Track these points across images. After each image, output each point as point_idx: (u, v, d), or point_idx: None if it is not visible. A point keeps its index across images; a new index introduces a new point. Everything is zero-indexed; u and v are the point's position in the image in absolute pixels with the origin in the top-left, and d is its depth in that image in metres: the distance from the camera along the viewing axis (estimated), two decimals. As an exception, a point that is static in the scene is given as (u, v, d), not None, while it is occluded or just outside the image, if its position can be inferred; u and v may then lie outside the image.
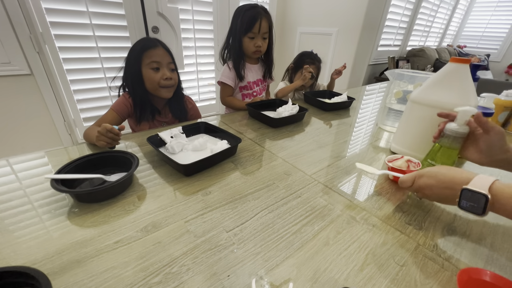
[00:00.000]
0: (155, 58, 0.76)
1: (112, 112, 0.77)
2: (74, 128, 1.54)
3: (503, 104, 0.83)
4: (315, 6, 2.10)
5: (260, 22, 0.91)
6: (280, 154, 0.63)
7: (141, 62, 0.76)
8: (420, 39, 2.99)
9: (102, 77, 1.49)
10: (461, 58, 0.52)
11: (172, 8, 1.62)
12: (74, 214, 0.39)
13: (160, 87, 0.78)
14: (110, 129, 0.54)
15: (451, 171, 0.40)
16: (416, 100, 0.58)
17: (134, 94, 0.79)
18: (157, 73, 0.77)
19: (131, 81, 0.78)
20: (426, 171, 0.42)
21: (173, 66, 0.82)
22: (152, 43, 0.77)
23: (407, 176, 0.44)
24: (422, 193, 0.43)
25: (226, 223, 0.39)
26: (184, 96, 0.91)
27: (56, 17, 1.27)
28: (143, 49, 0.75)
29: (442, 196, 0.40)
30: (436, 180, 0.40)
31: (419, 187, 0.42)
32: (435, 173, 0.41)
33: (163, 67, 0.78)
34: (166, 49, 0.80)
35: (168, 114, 0.88)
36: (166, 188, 0.47)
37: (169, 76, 0.78)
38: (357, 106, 1.10)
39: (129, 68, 0.78)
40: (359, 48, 2.01)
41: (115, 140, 0.56)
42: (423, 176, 0.42)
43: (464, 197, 0.36)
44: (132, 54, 0.77)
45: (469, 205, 0.36)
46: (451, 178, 0.39)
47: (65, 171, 0.44)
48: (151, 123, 0.84)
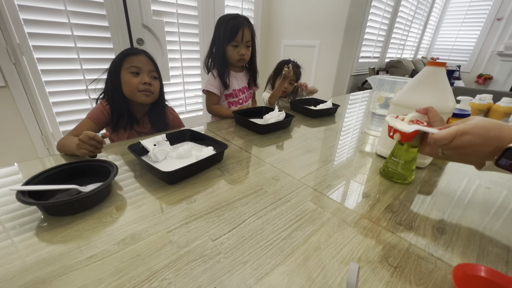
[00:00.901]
0: (135, 64, 0.75)
1: (88, 121, 0.73)
2: (53, 141, 1.46)
3: (477, 107, 0.87)
4: (298, 20, 2.19)
5: (243, 31, 0.93)
6: (268, 159, 0.62)
7: (121, 66, 0.74)
8: (397, 51, 3.17)
9: (84, 88, 1.44)
10: (437, 62, 0.54)
11: (157, 20, 1.62)
12: (43, 229, 0.36)
13: (138, 91, 0.76)
14: (93, 136, 0.51)
15: (498, 126, 0.36)
16: (398, 102, 0.60)
17: (112, 100, 0.76)
18: (136, 77, 0.75)
19: (110, 86, 0.76)
20: (470, 127, 0.37)
21: (156, 74, 0.80)
22: (136, 50, 0.76)
23: (445, 133, 0.39)
24: (457, 152, 0.39)
25: (212, 231, 0.37)
26: (165, 107, 0.88)
27: (35, 28, 1.23)
28: (125, 55, 0.74)
29: (480, 154, 0.37)
30: (483, 138, 0.36)
31: (459, 146, 0.38)
32: (483, 129, 0.37)
33: (143, 72, 0.76)
34: (150, 58, 0.78)
35: (147, 125, 0.85)
36: (147, 198, 0.44)
37: (148, 81, 0.76)
38: (342, 113, 1.12)
39: (109, 74, 0.76)
40: (341, 60, 2.09)
41: (97, 148, 0.53)
42: (467, 134, 0.37)
43: (508, 156, 0.34)
44: (114, 60, 0.75)
45: (509, 163, 0.34)
46: (499, 134, 0.36)
47: (34, 182, 0.40)
48: (129, 132, 0.81)
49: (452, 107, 0.55)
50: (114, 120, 0.77)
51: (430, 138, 0.42)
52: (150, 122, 0.84)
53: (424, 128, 0.44)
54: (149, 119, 0.84)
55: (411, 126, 0.45)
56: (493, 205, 0.48)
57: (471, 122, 0.38)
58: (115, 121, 0.77)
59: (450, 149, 0.40)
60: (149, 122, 0.84)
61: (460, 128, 0.38)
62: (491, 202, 0.49)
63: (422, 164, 0.62)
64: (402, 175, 0.53)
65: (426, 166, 0.62)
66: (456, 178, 0.58)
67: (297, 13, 2.17)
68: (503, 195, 0.52)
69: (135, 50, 0.76)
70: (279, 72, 1.31)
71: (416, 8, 3.07)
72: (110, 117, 0.77)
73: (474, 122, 0.38)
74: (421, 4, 3.16)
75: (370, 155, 0.69)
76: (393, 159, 0.54)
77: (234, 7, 2.03)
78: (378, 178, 0.56)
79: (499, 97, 0.95)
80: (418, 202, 0.48)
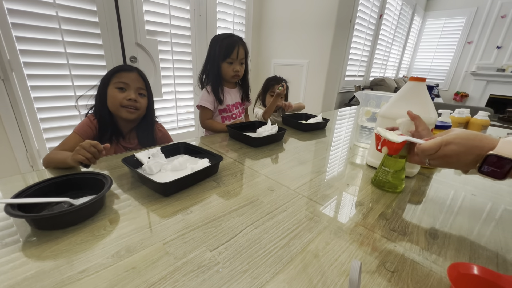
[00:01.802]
0: (124, 80, 0.75)
1: (75, 135, 0.72)
2: (38, 159, 1.41)
3: (457, 120, 0.93)
4: (287, 41, 2.30)
5: (238, 49, 0.98)
6: (263, 171, 0.62)
7: (109, 81, 0.74)
8: (380, 70, 3.36)
9: (75, 105, 1.43)
10: (418, 77, 0.59)
11: (151, 40, 1.67)
12: (31, 243, 0.34)
13: (121, 106, 0.75)
14: (94, 144, 0.50)
15: (477, 136, 0.39)
16: (384, 115, 0.63)
17: (99, 114, 0.76)
18: (121, 92, 0.75)
19: (98, 101, 0.76)
20: (453, 137, 0.40)
21: (144, 92, 0.80)
22: (128, 67, 0.77)
23: (430, 144, 0.42)
24: (443, 161, 0.41)
25: (210, 242, 0.37)
26: (154, 124, 0.87)
27: (27, 45, 1.23)
28: (116, 71, 0.75)
29: (463, 162, 0.39)
30: (466, 147, 0.39)
31: (444, 155, 0.41)
32: (464, 139, 0.39)
33: (130, 89, 0.76)
34: (141, 75, 0.79)
35: (134, 140, 0.83)
36: (142, 210, 0.43)
37: (133, 98, 0.75)
38: (332, 127, 1.16)
39: (98, 88, 0.76)
40: (329, 78, 2.19)
41: (96, 157, 0.52)
42: (451, 143, 0.40)
43: (488, 162, 0.36)
44: (105, 75, 0.76)
45: (491, 170, 0.36)
46: (479, 143, 0.38)
47: (24, 195, 0.39)
48: (116, 147, 0.79)
49: (434, 118, 0.58)
50: (100, 135, 0.76)
51: (417, 148, 0.45)
52: (137, 137, 0.83)
53: (412, 138, 0.48)
54: (136, 134, 0.83)
55: (401, 137, 0.48)
56: (479, 211, 0.50)
57: (453, 133, 0.41)
58: (99, 136, 0.76)
59: (436, 159, 0.43)
60: (136, 137, 0.83)
61: (444, 138, 0.41)
62: (478, 208, 0.51)
63: (411, 174, 0.64)
64: (393, 184, 0.55)
65: (414, 175, 0.65)
66: (443, 186, 0.61)
67: (286, 35, 2.29)
68: (487, 201, 0.55)
69: (127, 67, 0.77)
70: (268, 89, 1.38)
71: (395, 32, 3.32)
72: (97, 132, 0.76)
73: (456, 133, 0.41)
74: (399, 28, 3.42)
75: (361, 166, 0.71)
76: (383, 168, 0.56)
77: (225, 28, 2.13)
78: (370, 187, 0.58)
79: (476, 111, 1.02)
80: (409, 210, 0.49)
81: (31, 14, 1.20)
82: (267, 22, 2.39)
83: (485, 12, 3.57)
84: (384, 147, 0.51)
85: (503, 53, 3.53)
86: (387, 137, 0.49)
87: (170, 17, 1.70)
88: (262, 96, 1.44)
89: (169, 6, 1.67)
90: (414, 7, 3.62)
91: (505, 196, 0.57)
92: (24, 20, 1.20)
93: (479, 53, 3.72)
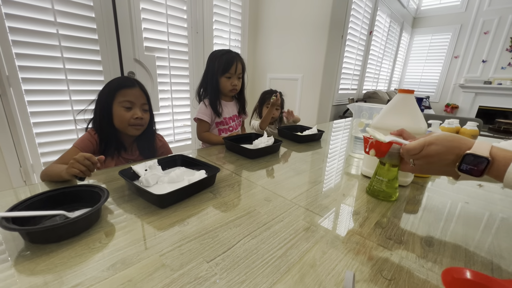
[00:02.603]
0: (129, 98, 0.76)
1: (75, 149, 0.72)
2: (32, 174, 1.38)
3: (447, 130, 0.96)
4: (281, 56, 2.38)
5: (236, 64, 1.02)
6: (259, 182, 0.63)
7: (114, 99, 0.75)
8: (372, 84, 3.47)
9: (71, 119, 1.43)
10: (406, 89, 0.61)
11: (149, 56, 1.71)
12: (24, 258, 0.33)
13: (129, 125, 0.77)
14: (88, 156, 0.50)
15: (456, 138, 0.42)
16: (377, 125, 0.65)
17: (100, 129, 0.76)
18: (128, 111, 0.76)
19: (99, 116, 0.76)
20: (435, 138, 0.43)
21: (147, 107, 0.81)
22: (130, 82, 0.78)
23: (414, 144, 0.44)
24: (426, 161, 0.43)
25: (207, 253, 0.36)
26: (154, 134, 0.89)
27: (26, 62, 1.25)
28: (119, 87, 0.76)
29: (445, 162, 0.42)
30: (446, 147, 0.41)
31: (427, 155, 0.43)
32: (444, 140, 0.42)
33: (136, 107, 0.77)
34: (143, 90, 0.80)
35: (135, 152, 0.85)
36: (138, 222, 0.43)
37: (140, 116, 0.77)
38: (327, 138, 1.18)
39: (99, 103, 0.76)
40: (323, 91, 2.25)
41: (90, 169, 0.52)
42: (433, 144, 0.42)
43: (466, 161, 0.38)
44: (106, 89, 0.76)
45: (469, 168, 0.38)
46: (458, 144, 0.41)
47: (19, 208, 0.39)
48: (116, 160, 0.80)
49: (424, 128, 0.61)
50: (102, 149, 0.76)
51: (402, 148, 0.48)
52: (138, 149, 0.85)
53: (397, 139, 0.50)
54: (137, 146, 0.85)
55: (387, 137, 0.51)
56: (473, 218, 0.51)
57: (435, 135, 0.44)
58: (103, 149, 0.76)
59: (419, 159, 0.45)
60: (137, 149, 0.85)
61: (427, 139, 0.44)
62: (471, 216, 0.52)
63: (405, 183, 0.65)
64: (387, 193, 0.56)
65: (408, 184, 0.66)
66: (437, 195, 0.62)
67: (280, 50, 2.37)
68: (480, 209, 0.56)
69: (129, 83, 0.77)
70: (264, 102, 1.41)
71: (384, 47, 3.46)
72: (98, 146, 0.76)
73: (437, 135, 0.44)
74: (389, 44, 3.57)
75: (356, 176, 0.72)
76: (377, 177, 0.57)
77: (222, 44, 2.19)
78: (365, 196, 0.58)
79: (465, 122, 1.05)
80: (404, 218, 0.50)
81: (32, 32, 1.23)
82: (262, 39, 2.48)
83: (468, 29, 3.77)
84: (371, 149, 0.53)
85: (489, 66, 3.69)
86: (375, 136, 0.51)
87: (168, 34, 1.76)
88: (258, 109, 1.48)
89: (167, 24, 1.73)
90: (402, 24, 3.80)
91: (497, 203, 0.58)
92: (25, 37, 1.22)
93: (466, 66, 3.88)
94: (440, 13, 4.03)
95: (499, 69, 3.60)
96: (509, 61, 3.51)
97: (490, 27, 3.60)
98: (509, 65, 3.52)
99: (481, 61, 3.73)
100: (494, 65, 3.64)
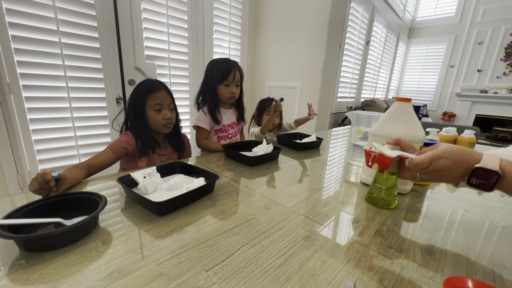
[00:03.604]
0: (158, 101, 0.84)
1: (108, 151, 0.76)
2: (29, 181, 1.37)
3: (446, 138, 0.96)
4: (280, 65, 2.41)
5: (234, 72, 1.03)
6: (258, 189, 0.62)
7: (145, 103, 0.83)
8: (370, 92, 3.51)
9: (70, 126, 1.43)
10: (404, 98, 0.62)
11: (150, 64, 1.73)
12: (19, 266, 0.33)
13: (162, 125, 0.86)
14: (41, 175, 0.47)
15: (464, 151, 0.40)
16: (375, 133, 0.65)
17: (137, 131, 0.83)
18: (159, 113, 0.84)
19: (135, 120, 0.83)
20: (443, 152, 0.41)
21: (173, 106, 0.89)
22: (156, 86, 0.84)
23: (423, 158, 0.43)
24: (435, 175, 0.42)
25: (205, 261, 0.36)
26: (181, 129, 0.98)
27: (28, 69, 1.26)
28: (148, 92, 0.83)
29: (454, 176, 0.40)
30: (455, 161, 0.40)
31: (436, 169, 0.42)
32: (453, 153, 0.41)
33: (164, 108, 0.85)
34: (167, 91, 0.87)
35: (168, 147, 0.93)
36: (136, 230, 0.43)
37: (169, 116, 0.86)
38: (326, 146, 1.18)
39: (133, 108, 0.83)
40: (321, 99, 2.27)
41: (45, 189, 0.48)
42: (442, 158, 0.41)
43: (475, 175, 0.37)
44: (137, 96, 0.83)
45: (479, 182, 0.37)
46: (466, 157, 0.39)
47: (15, 216, 0.38)
48: (150, 157, 0.86)
49: (422, 136, 0.61)
50: (140, 149, 0.82)
51: (410, 163, 0.46)
52: (169, 143, 0.93)
53: (405, 153, 0.49)
54: (168, 142, 0.93)
55: (394, 151, 0.50)
56: (473, 226, 0.51)
57: (442, 148, 0.43)
58: (141, 149, 0.83)
59: (428, 173, 0.44)
60: (169, 144, 0.93)
61: (435, 153, 0.43)
62: (471, 224, 0.52)
63: (404, 190, 0.65)
64: (386, 201, 0.56)
65: (408, 192, 0.66)
66: (437, 203, 0.61)
67: (279, 59, 2.41)
68: (480, 217, 0.55)
69: (156, 87, 0.84)
70: (264, 109, 1.43)
71: (381, 57, 3.52)
72: (134, 147, 0.82)
73: (444, 148, 0.43)
74: (385, 53, 3.64)
75: (355, 183, 0.72)
76: (376, 185, 0.57)
77: (221, 53, 2.23)
78: (364, 204, 0.58)
79: (463, 130, 1.06)
80: (405, 226, 0.49)
81: (35, 40, 1.25)
82: (261, 48, 2.52)
83: (463, 40, 3.86)
84: (374, 164, 0.53)
85: (484, 75, 3.75)
86: (382, 152, 0.51)
87: (169, 43, 1.79)
88: (257, 117, 1.48)
89: (168, 33, 1.76)
90: (398, 34, 3.89)
91: (496, 212, 0.58)
92: (27, 46, 1.24)
93: (461, 76, 3.95)
94: (435, 24, 4.13)
95: (495, 78, 3.66)
96: (504, 71, 3.58)
97: (484, 38, 3.68)
98: (504, 75, 3.59)
99: (476, 70, 3.80)
100: (489, 75, 3.70)
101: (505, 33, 3.50)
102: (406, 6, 3.89)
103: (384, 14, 3.18)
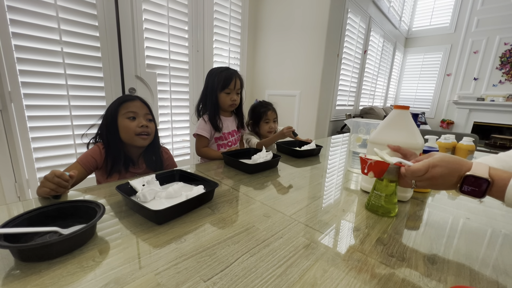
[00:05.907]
0: (131, 109, 0.78)
1: (77, 165, 0.72)
2: (27, 189, 1.36)
3: (444, 145, 0.97)
4: (279, 73, 2.44)
5: (235, 80, 1.04)
6: (258, 197, 0.62)
7: (117, 113, 0.77)
8: (368, 100, 3.54)
9: (70, 134, 1.43)
10: (402, 105, 0.63)
11: (150, 72, 1.75)
12: (14, 277, 0.32)
13: (136, 135, 0.78)
14: (59, 174, 0.49)
15: (456, 159, 0.42)
16: (374, 140, 0.66)
17: (108, 145, 0.77)
18: (133, 122, 0.78)
19: (106, 131, 0.77)
20: (438, 160, 0.43)
21: (150, 117, 0.83)
22: (130, 97, 0.81)
23: (419, 166, 0.44)
24: (430, 183, 0.44)
25: (204, 271, 0.35)
26: (160, 147, 0.90)
27: (29, 78, 1.27)
28: (121, 102, 0.78)
29: (448, 183, 0.42)
30: (449, 169, 0.42)
31: (431, 177, 0.43)
32: (447, 162, 0.42)
33: (139, 116, 0.79)
34: (144, 102, 0.83)
35: (142, 165, 0.85)
36: (134, 239, 0.42)
37: (145, 124, 0.79)
38: (326, 153, 1.18)
39: (105, 120, 0.78)
40: (320, 107, 2.29)
41: (62, 186, 0.50)
42: (437, 166, 0.43)
43: (467, 183, 0.39)
44: (111, 107, 0.78)
45: (470, 189, 0.38)
46: (458, 166, 0.41)
47: (11, 225, 0.38)
48: (124, 175, 0.80)
49: (421, 143, 0.61)
50: (109, 165, 0.76)
51: (406, 170, 0.47)
52: (145, 161, 0.85)
53: (403, 160, 0.50)
54: (144, 159, 0.85)
55: (393, 158, 0.51)
56: (475, 234, 0.50)
57: (437, 156, 0.45)
58: (111, 165, 0.76)
59: (423, 180, 0.45)
60: (144, 162, 0.85)
61: (431, 161, 0.44)
62: (473, 232, 0.52)
63: (404, 198, 0.65)
64: (386, 209, 0.55)
65: (408, 199, 0.65)
66: (438, 211, 0.61)
67: (278, 68, 2.44)
68: (481, 225, 0.55)
69: (130, 97, 0.81)
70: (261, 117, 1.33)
71: (379, 66, 3.57)
72: (104, 160, 0.77)
73: (439, 156, 0.44)
74: (383, 62, 3.69)
75: (355, 191, 0.71)
76: (375, 192, 0.56)
77: (221, 62, 2.26)
78: (365, 212, 0.57)
79: (461, 137, 1.06)
80: (406, 234, 0.49)
81: (37, 49, 1.27)
82: (260, 56, 2.56)
83: (459, 49, 3.93)
84: (370, 172, 0.53)
85: (480, 84, 3.80)
86: (383, 158, 0.51)
87: (169, 52, 1.81)
88: (253, 125, 1.39)
89: (169, 43, 1.79)
90: (395, 44, 3.96)
91: (498, 219, 0.58)
92: (30, 55, 1.26)
93: (458, 84, 4.00)
94: (431, 34, 4.21)
95: (491, 86, 3.71)
96: (499, 79, 3.63)
97: (479, 47, 3.75)
98: (500, 83, 3.63)
99: (472, 78, 3.85)
100: (485, 83, 3.75)
101: (499, 43, 3.57)
102: (402, 17, 3.98)
103: (380, 24, 3.25)
